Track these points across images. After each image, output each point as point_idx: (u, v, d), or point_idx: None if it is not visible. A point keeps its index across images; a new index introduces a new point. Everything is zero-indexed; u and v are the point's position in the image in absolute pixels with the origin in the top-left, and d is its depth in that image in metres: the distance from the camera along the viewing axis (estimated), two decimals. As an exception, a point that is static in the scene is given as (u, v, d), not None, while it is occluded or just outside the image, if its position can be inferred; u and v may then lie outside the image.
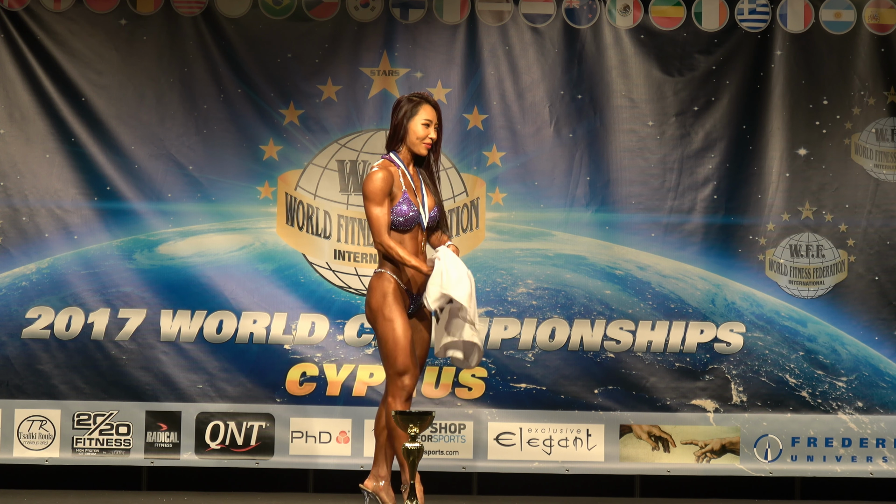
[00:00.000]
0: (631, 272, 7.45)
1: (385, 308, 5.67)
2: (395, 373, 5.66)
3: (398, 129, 5.75)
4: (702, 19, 7.48)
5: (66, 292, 7.37)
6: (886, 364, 7.46)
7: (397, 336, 5.64)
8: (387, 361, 5.68)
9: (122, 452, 7.36)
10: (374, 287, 5.73)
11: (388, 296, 5.69)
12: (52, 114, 7.37)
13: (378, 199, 5.65)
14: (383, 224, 5.66)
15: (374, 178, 5.67)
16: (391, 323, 5.65)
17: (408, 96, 5.80)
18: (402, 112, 5.74)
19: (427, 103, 5.75)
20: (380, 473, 5.90)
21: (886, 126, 7.48)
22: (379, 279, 5.73)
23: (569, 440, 7.44)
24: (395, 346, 5.64)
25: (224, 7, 7.42)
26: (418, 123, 5.73)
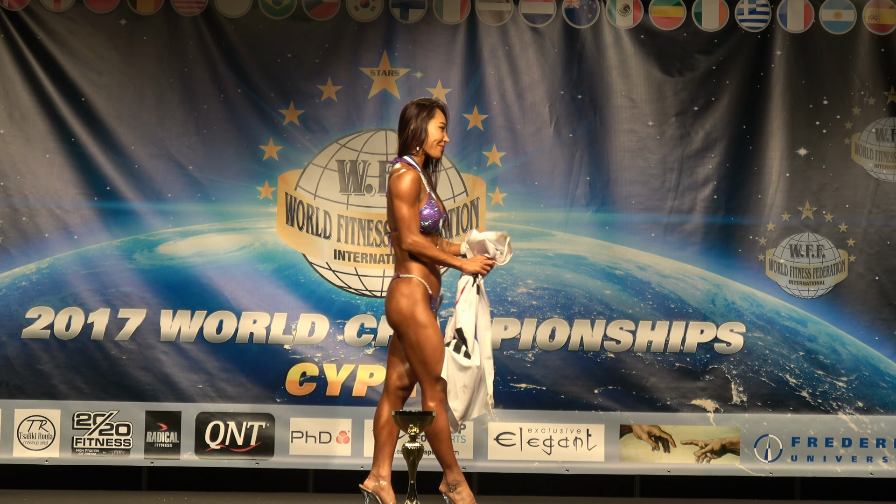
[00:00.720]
0: (631, 272, 7.45)
1: (418, 314, 5.71)
2: (436, 378, 5.71)
3: (417, 133, 5.79)
4: (702, 19, 7.48)
5: (66, 292, 7.37)
6: (887, 364, 7.46)
7: (436, 342, 5.70)
8: (425, 367, 5.71)
9: (122, 452, 7.36)
10: (402, 292, 5.74)
11: (419, 302, 5.73)
12: (52, 114, 7.37)
13: (411, 200, 5.69)
14: (415, 224, 5.70)
15: (407, 178, 5.70)
16: (428, 329, 5.70)
17: (417, 101, 5.85)
18: (419, 116, 5.80)
19: (439, 107, 5.84)
20: (380, 473, 5.91)
21: (886, 126, 7.48)
22: (408, 284, 5.75)
23: (569, 440, 7.44)
24: (434, 352, 5.70)
25: (224, 7, 7.43)
26: (435, 127, 5.82)
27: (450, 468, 5.84)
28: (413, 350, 5.73)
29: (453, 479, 5.84)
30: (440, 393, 5.72)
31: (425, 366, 5.71)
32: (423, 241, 5.71)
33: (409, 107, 5.85)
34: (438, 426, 5.74)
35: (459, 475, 5.85)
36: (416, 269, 5.75)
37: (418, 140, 5.80)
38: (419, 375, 5.75)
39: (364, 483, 5.91)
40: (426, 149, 5.83)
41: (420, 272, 5.76)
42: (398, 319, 5.75)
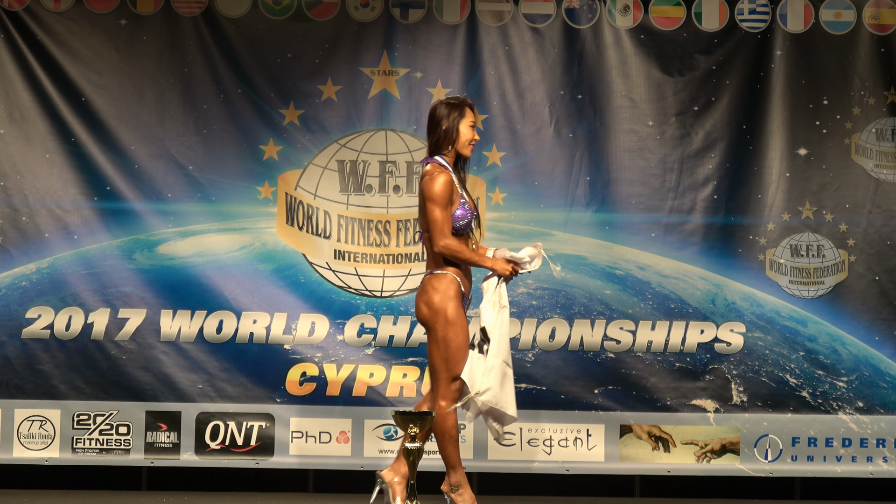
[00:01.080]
0: (631, 272, 7.45)
1: (450, 311, 5.71)
2: (451, 377, 5.72)
3: (449, 133, 5.80)
4: (702, 19, 7.48)
5: (66, 292, 7.37)
6: (887, 364, 7.46)
7: (461, 342, 5.71)
8: (445, 364, 5.72)
9: (122, 452, 7.36)
10: (437, 287, 5.75)
11: (453, 299, 5.74)
12: (52, 114, 7.37)
13: (444, 203, 5.70)
14: (448, 226, 5.71)
15: (440, 181, 5.71)
16: (457, 328, 5.71)
17: (446, 101, 5.87)
18: (451, 116, 5.80)
19: (468, 106, 5.85)
20: (400, 470, 5.91)
21: (886, 126, 7.48)
22: (443, 280, 5.76)
23: (569, 440, 7.44)
24: (457, 351, 5.71)
25: (224, 7, 7.43)
26: (466, 126, 5.83)
27: (454, 469, 5.83)
28: (437, 345, 5.72)
29: (456, 480, 5.83)
30: (454, 392, 5.72)
31: (446, 363, 5.71)
32: (455, 244, 5.72)
33: (438, 106, 5.85)
34: (447, 425, 5.74)
35: (463, 477, 5.85)
36: (449, 266, 5.78)
37: (450, 140, 5.81)
38: (436, 372, 5.74)
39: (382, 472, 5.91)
40: (458, 148, 5.84)
41: (455, 270, 5.77)
42: (428, 314, 5.75)
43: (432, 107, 5.89)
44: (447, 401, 5.73)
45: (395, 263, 7.44)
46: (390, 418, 7.16)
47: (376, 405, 7.40)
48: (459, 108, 5.82)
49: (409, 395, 7.41)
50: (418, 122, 7.45)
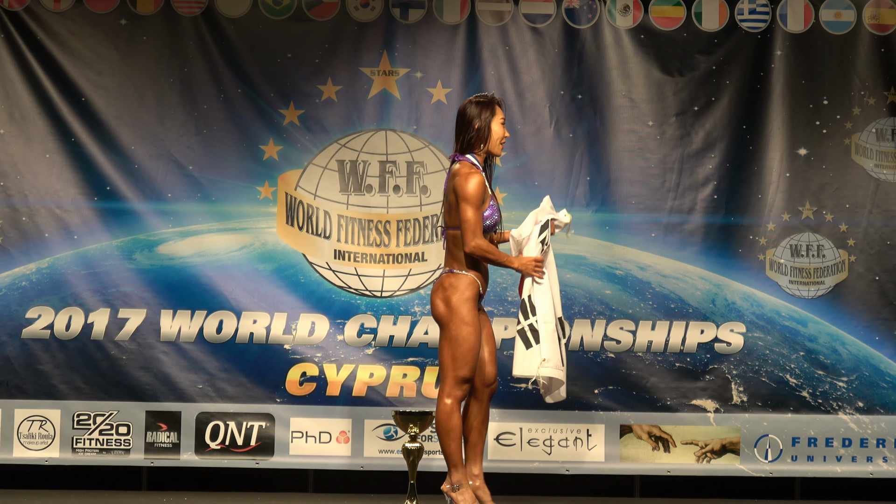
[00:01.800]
0: (631, 272, 7.45)
1: (464, 310, 5.73)
2: (460, 376, 5.73)
3: (482, 132, 5.81)
4: (702, 19, 7.48)
5: (66, 292, 7.37)
6: (887, 364, 7.46)
7: (473, 342, 5.72)
8: (454, 363, 5.72)
9: (122, 452, 7.36)
10: (455, 286, 5.77)
11: (469, 300, 5.76)
12: (52, 114, 7.37)
13: (477, 203, 5.71)
14: (479, 227, 5.72)
15: (474, 181, 5.72)
16: (470, 328, 5.72)
17: (476, 100, 5.86)
18: (483, 115, 5.81)
19: (497, 104, 5.86)
20: (475, 472, 5.92)
21: (886, 126, 7.48)
22: (462, 280, 5.77)
23: (569, 440, 7.44)
24: (468, 351, 5.72)
25: (224, 7, 7.43)
26: (498, 124, 5.85)
27: (455, 467, 5.82)
28: (448, 343, 5.73)
29: (457, 479, 5.83)
30: (459, 392, 5.72)
31: (455, 362, 5.72)
32: (486, 245, 5.74)
33: (468, 106, 5.85)
34: (451, 423, 5.74)
35: (464, 476, 5.84)
36: (470, 267, 5.79)
37: (483, 139, 5.82)
38: (443, 369, 5.75)
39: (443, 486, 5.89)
40: (490, 147, 5.85)
41: (474, 271, 5.79)
42: (444, 311, 5.76)
43: (462, 106, 5.88)
44: (452, 398, 5.73)
45: (395, 263, 7.44)
46: (390, 418, 7.16)
47: (376, 405, 7.40)
48: (490, 107, 5.83)
49: (409, 395, 7.41)
50: (418, 122, 7.45)
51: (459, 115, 5.86)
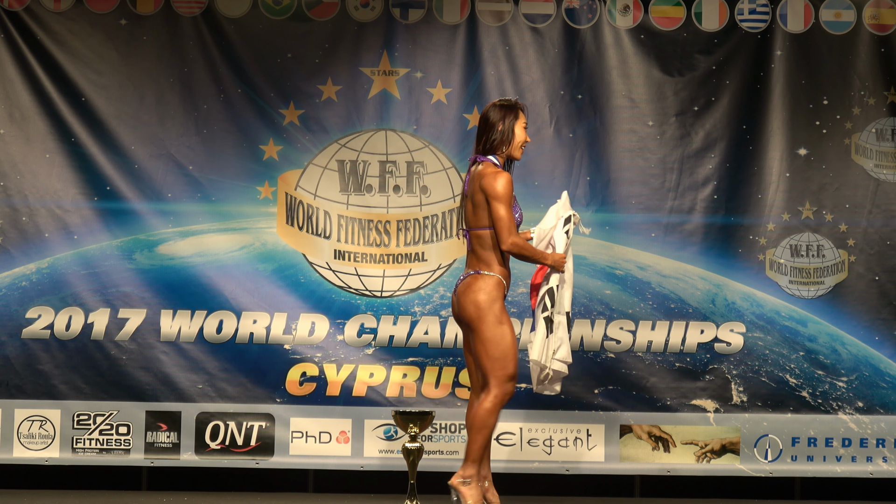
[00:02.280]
0: (631, 272, 7.44)
1: (496, 310, 5.74)
2: (506, 376, 5.73)
3: (505, 135, 5.83)
4: (702, 19, 7.48)
5: (66, 292, 7.37)
6: (887, 364, 7.46)
7: (511, 340, 5.73)
8: (497, 363, 5.73)
9: (122, 452, 7.36)
10: (483, 288, 5.76)
11: (499, 299, 5.77)
12: (52, 114, 7.37)
13: (508, 201, 5.74)
14: (514, 224, 5.76)
15: (503, 180, 5.74)
16: (506, 328, 5.74)
17: (500, 103, 5.88)
18: (507, 118, 5.84)
19: (520, 108, 5.89)
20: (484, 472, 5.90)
21: (886, 126, 7.48)
22: (490, 281, 5.77)
23: (569, 440, 7.44)
24: (510, 351, 5.73)
25: (224, 7, 7.43)
26: (520, 128, 5.87)
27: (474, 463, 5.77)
28: (485, 346, 5.73)
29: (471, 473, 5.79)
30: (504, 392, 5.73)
31: (497, 362, 5.72)
32: (522, 242, 5.78)
33: (491, 109, 5.87)
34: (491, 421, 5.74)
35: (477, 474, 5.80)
36: (497, 267, 5.80)
37: (506, 142, 5.84)
38: (486, 370, 5.74)
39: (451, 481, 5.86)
40: (511, 150, 5.87)
41: (501, 271, 5.80)
42: (475, 314, 5.75)
43: (485, 109, 5.88)
44: (497, 398, 5.73)
45: (395, 263, 7.44)
46: (390, 418, 7.16)
47: (376, 405, 7.40)
48: (514, 110, 5.85)
49: (409, 395, 7.41)
50: (418, 122, 7.45)
51: (483, 117, 5.87)
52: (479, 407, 5.74)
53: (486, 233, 5.79)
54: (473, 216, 5.82)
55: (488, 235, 5.79)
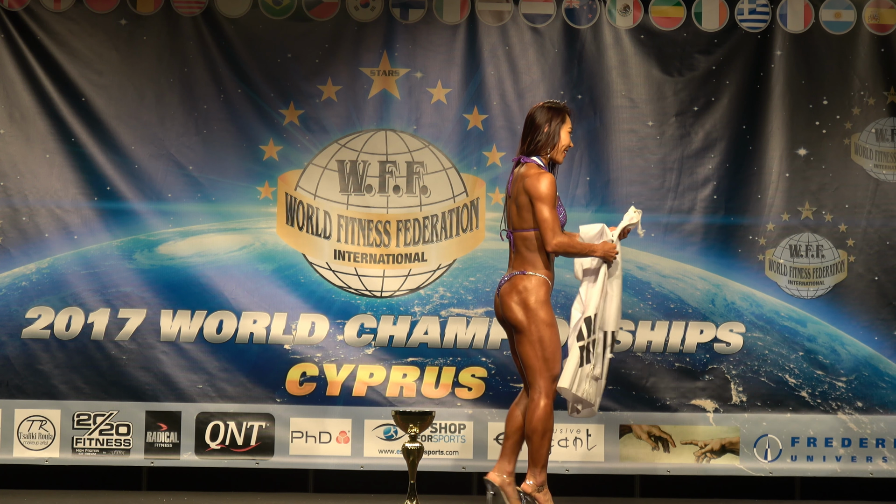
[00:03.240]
0: (631, 272, 7.44)
1: (545, 312, 5.78)
2: (552, 376, 5.78)
3: (551, 137, 5.87)
4: (702, 19, 7.48)
5: (66, 292, 7.37)
6: (886, 364, 7.46)
7: (558, 341, 5.78)
8: (545, 363, 5.77)
9: (122, 452, 7.36)
10: (530, 289, 5.79)
11: (545, 300, 5.80)
12: (52, 114, 7.37)
13: (552, 202, 5.78)
14: (558, 224, 5.78)
15: (548, 180, 5.78)
16: (553, 328, 5.78)
17: (548, 105, 5.91)
18: (553, 121, 5.87)
19: (567, 113, 5.92)
20: (508, 469, 5.93)
21: (886, 126, 7.49)
22: (536, 282, 5.80)
23: (569, 440, 7.45)
24: (556, 351, 5.77)
25: (224, 7, 7.43)
26: (566, 132, 5.91)
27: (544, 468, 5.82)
28: (533, 346, 5.77)
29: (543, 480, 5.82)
30: (555, 392, 5.79)
31: (546, 363, 5.77)
32: (567, 240, 5.81)
33: (539, 110, 5.91)
34: (550, 423, 5.79)
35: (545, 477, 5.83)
36: (542, 268, 5.83)
37: (551, 143, 5.88)
38: (535, 371, 5.77)
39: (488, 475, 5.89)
40: (554, 154, 5.91)
41: (546, 272, 5.83)
42: (523, 315, 5.79)
43: (532, 109, 5.92)
44: (551, 398, 5.79)
45: (394, 263, 7.45)
46: (390, 418, 7.16)
47: (376, 405, 7.40)
48: (561, 114, 5.89)
49: (408, 395, 7.42)
50: (418, 122, 7.46)
51: (529, 117, 5.90)
52: (537, 412, 5.76)
53: (531, 234, 5.83)
54: (518, 218, 5.85)
55: (533, 237, 5.83)
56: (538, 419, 5.75)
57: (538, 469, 5.80)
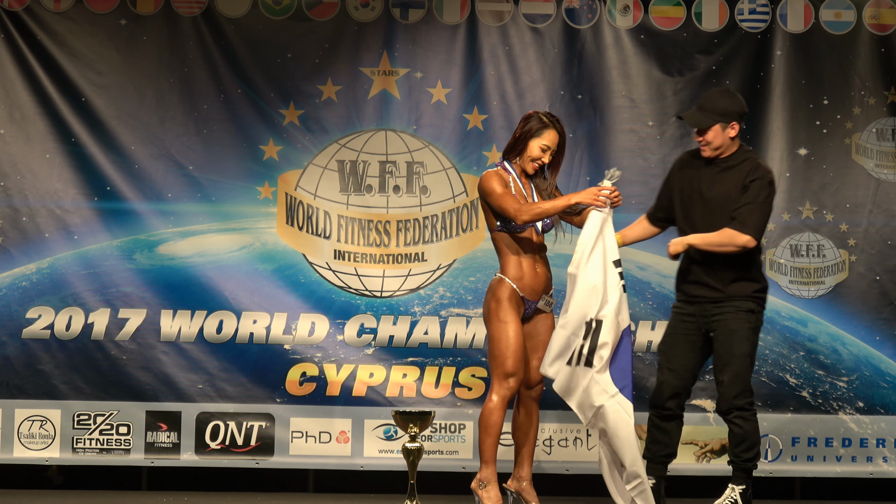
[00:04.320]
0: (631, 272, 7.43)
1: (500, 311, 5.84)
2: (503, 373, 5.81)
3: (518, 143, 5.95)
4: (702, 19, 7.48)
5: (66, 292, 7.37)
6: (887, 364, 7.46)
7: (510, 338, 5.80)
8: (496, 361, 5.83)
9: (122, 452, 7.36)
10: (493, 288, 5.91)
11: (503, 300, 5.85)
12: (52, 114, 7.37)
13: (499, 189, 5.83)
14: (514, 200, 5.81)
15: (489, 175, 5.90)
16: (505, 325, 5.81)
17: (540, 114, 5.96)
18: (528, 128, 5.92)
19: (553, 129, 5.93)
20: (520, 474, 6.04)
21: (887, 126, 7.48)
22: (498, 283, 5.90)
23: (569, 440, 7.44)
24: (506, 348, 5.80)
25: (224, 7, 7.43)
26: (537, 145, 5.92)
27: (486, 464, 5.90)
28: (490, 344, 5.88)
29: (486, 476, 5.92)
30: (504, 390, 5.81)
31: (495, 360, 5.83)
32: (528, 206, 5.81)
33: (530, 116, 5.98)
34: (492, 420, 5.82)
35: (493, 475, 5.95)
36: (509, 270, 5.91)
37: (517, 151, 5.97)
38: (490, 369, 5.88)
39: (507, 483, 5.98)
40: (522, 163, 5.99)
41: (513, 274, 5.89)
42: (485, 312, 5.93)
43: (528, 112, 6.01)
44: (498, 396, 5.81)
45: (394, 263, 7.44)
46: (390, 418, 7.15)
47: (376, 405, 7.40)
48: (542, 126, 5.92)
49: (408, 395, 7.42)
50: (418, 122, 7.45)
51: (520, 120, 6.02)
52: (483, 408, 5.85)
53: (496, 235, 5.95)
54: (488, 219, 6.01)
55: (497, 238, 5.95)
56: (483, 415, 5.83)
57: (481, 464, 5.88)
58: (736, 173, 5.96)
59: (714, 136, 5.97)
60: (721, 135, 5.97)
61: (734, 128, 5.99)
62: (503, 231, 5.93)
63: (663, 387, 6.06)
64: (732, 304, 5.95)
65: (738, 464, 5.98)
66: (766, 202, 5.92)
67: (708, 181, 6.00)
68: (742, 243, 5.85)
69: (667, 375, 6.06)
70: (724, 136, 5.97)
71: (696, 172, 6.06)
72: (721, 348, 5.95)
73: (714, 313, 5.97)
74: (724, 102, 6.02)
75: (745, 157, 6.01)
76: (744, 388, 5.93)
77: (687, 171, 6.10)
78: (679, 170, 6.15)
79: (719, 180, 5.98)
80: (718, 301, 5.97)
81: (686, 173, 6.10)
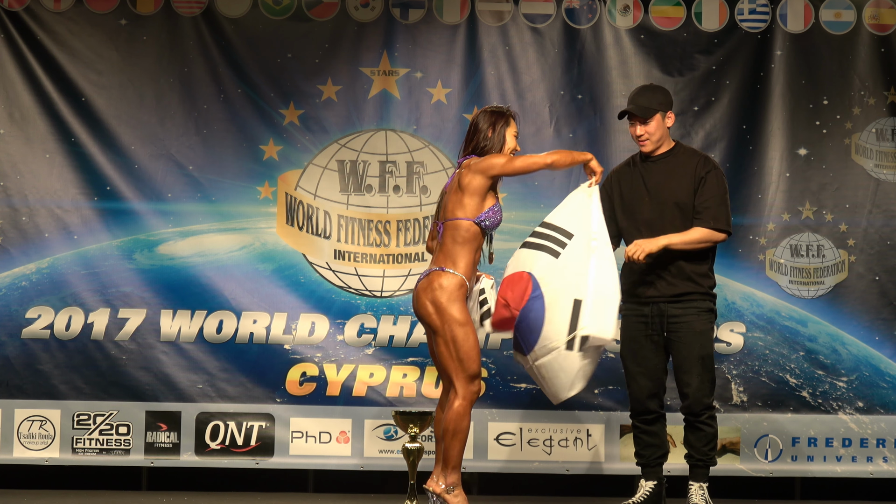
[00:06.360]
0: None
1: (457, 311, 5.64)
2: (469, 376, 5.65)
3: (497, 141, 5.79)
4: (702, 19, 7.48)
5: (66, 292, 7.37)
6: (887, 364, 7.46)
7: (473, 341, 5.65)
8: (461, 364, 5.64)
9: (122, 452, 7.36)
10: (445, 287, 5.64)
11: (459, 300, 5.66)
12: (52, 114, 7.37)
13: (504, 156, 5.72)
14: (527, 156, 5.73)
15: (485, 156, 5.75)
16: (467, 327, 5.65)
17: (492, 109, 5.83)
18: (497, 124, 5.80)
19: (511, 116, 5.85)
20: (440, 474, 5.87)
21: (887, 126, 7.48)
22: (453, 281, 5.65)
23: (569, 440, 7.44)
24: (471, 350, 5.64)
25: (224, 7, 7.43)
26: (511, 135, 5.83)
27: (455, 469, 5.70)
28: (447, 346, 5.64)
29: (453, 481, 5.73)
30: (472, 393, 5.66)
31: (461, 363, 5.63)
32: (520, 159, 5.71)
33: (482, 114, 5.82)
34: (463, 425, 5.64)
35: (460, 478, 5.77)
36: (463, 266, 5.68)
37: (497, 148, 5.79)
38: (451, 372, 5.64)
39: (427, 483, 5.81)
40: None
41: (465, 270, 5.69)
42: (433, 314, 5.66)
43: (475, 115, 5.80)
44: (466, 400, 5.64)
45: (395, 263, 7.45)
46: (390, 418, 7.16)
47: (376, 405, 7.40)
48: (504, 118, 5.81)
49: (409, 395, 7.42)
50: (418, 122, 7.46)
51: (473, 122, 5.79)
52: (452, 413, 5.63)
53: (462, 223, 5.67)
54: (454, 205, 5.71)
55: (463, 227, 5.66)
56: (450, 419, 5.61)
57: (449, 469, 5.67)
58: (683, 165, 6.04)
59: (656, 126, 6.03)
60: (661, 125, 6.04)
61: (671, 118, 6.08)
62: (477, 225, 5.72)
63: (641, 391, 6.11)
64: (693, 305, 6.01)
65: (706, 462, 6.04)
66: (727, 193, 6.04)
67: (652, 176, 6.06)
68: (722, 239, 6.01)
69: (640, 379, 6.12)
70: (663, 126, 6.05)
71: (635, 171, 6.12)
72: (686, 350, 5.99)
73: (674, 314, 6.02)
74: (658, 95, 6.10)
75: (686, 150, 6.13)
76: (712, 389, 6.03)
77: (624, 176, 6.16)
78: (615, 181, 6.18)
79: (665, 172, 6.05)
80: (676, 300, 6.01)
81: (623, 177, 6.16)
